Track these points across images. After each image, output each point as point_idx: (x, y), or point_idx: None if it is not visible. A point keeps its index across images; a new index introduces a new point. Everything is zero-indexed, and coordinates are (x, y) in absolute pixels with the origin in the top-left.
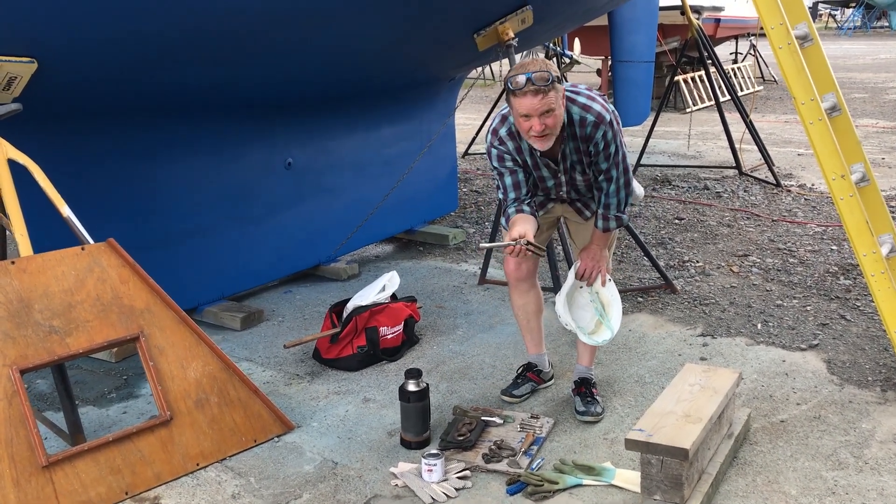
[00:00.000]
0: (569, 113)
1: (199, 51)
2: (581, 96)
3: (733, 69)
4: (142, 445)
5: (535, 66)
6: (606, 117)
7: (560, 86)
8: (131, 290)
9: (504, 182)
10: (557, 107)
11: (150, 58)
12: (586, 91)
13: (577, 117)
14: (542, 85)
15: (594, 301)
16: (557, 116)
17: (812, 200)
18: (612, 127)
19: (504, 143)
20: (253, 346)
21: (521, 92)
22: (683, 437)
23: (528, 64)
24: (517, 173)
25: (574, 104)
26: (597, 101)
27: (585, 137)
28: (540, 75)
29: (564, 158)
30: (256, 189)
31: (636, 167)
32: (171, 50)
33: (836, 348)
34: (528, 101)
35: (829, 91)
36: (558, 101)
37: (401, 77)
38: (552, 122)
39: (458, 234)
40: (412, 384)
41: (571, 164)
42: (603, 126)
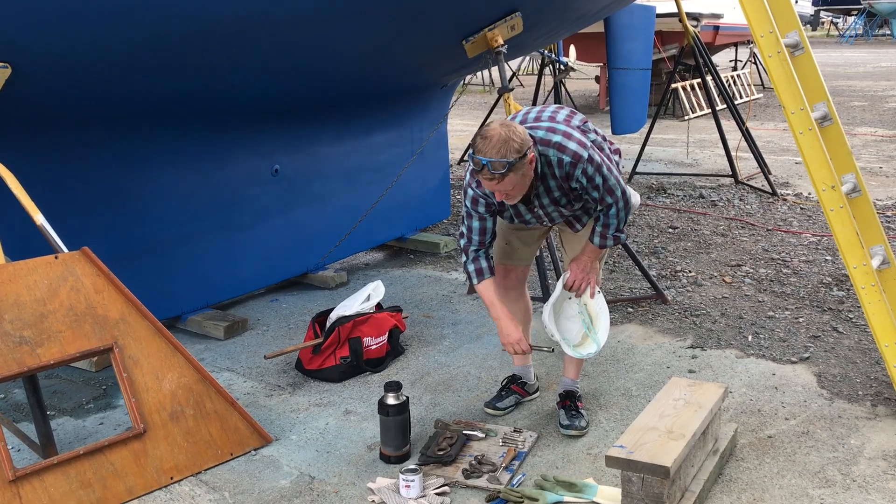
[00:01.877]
0: (545, 155)
1: (181, 56)
2: (556, 134)
3: (732, 76)
4: (114, 458)
5: (494, 146)
6: (584, 154)
7: (525, 159)
8: (106, 299)
9: (471, 224)
10: (518, 182)
11: (131, 63)
12: (562, 126)
13: (554, 159)
14: (497, 173)
15: (582, 313)
16: (520, 188)
17: (808, 210)
18: (591, 162)
19: (481, 185)
20: (235, 356)
21: (478, 173)
22: (665, 454)
23: (490, 140)
24: (486, 220)
25: (549, 146)
26: (572, 139)
27: (565, 177)
28: (497, 164)
29: (539, 197)
30: (243, 196)
31: (632, 175)
32: (151, 56)
33: (827, 361)
34: (486, 182)
35: (821, 100)
36: (519, 177)
37: (389, 83)
38: (514, 192)
39: (450, 242)
40: (391, 397)
41: (552, 200)
42: (581, 164)
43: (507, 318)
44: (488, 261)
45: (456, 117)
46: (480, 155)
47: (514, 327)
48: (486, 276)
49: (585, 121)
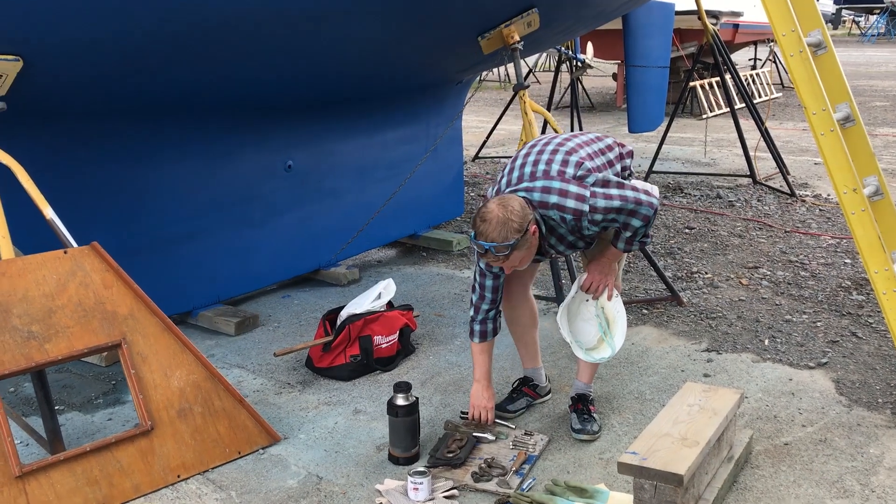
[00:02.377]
0: (548, 216)
1: (193, 51)
2: (552, 195)
3: (752, 75)
4: (121, 456)
5: (494, 230)
6: (584, 208)
7: (527, 234)
8: (114, 295)
9: (485, 282)
10: (523, 256)
11: (143, 57)
12: (557, 183)
13: (557, 218)
14: (502, 255)
15: (599, 316)
16: (525, 260)
17: (827, 211)
18: (595, 210)
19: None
20: (246, 353)
21: (482, 256)
22: (679, 461)
23: (490, 224)
24: (500, 278)
25: (548, 209)
26: (569, 195)
27: (573, 230)
28: (500, 247)
29: (553, 246)
30: (255, 192)
31: (648, 174)
32: (163, 49)
33: (845, 367)
34: (491, 262)
35: (843, 101)
36: (523, 252)
37: (403, 79)
38: (523, 263)
39: (463, 239)
40: (401, 398)
41: (568, 245)
42: (585, 217)
43: (486, 384)
44: (496, 323)
45: (471, 114)
46: (482, 240)
47: (488, 395)
48: (487, 339)
49: (581, 162)
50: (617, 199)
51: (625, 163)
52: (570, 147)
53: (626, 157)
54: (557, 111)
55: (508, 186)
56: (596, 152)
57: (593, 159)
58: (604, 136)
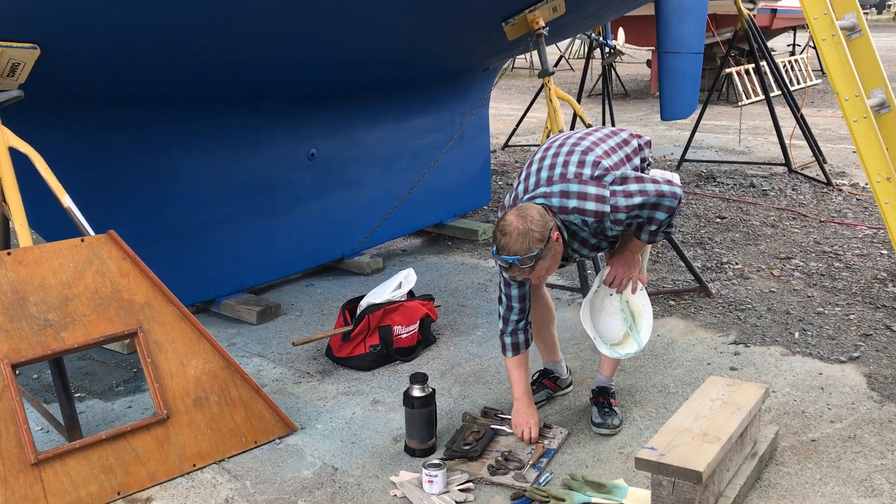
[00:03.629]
0: (569, 221)
1: (217, 37)
2: (571, 199)
3: (790, 61)
4: (137, 444)
5: (516, 242)
6: (605, 209)
7: (550, 242)
8: (131, 283)
9: (510, 292)
10: (549, 263)
11: (165, 45)
12: (575, 186)
13: (578, 222)
14: (528, 266)
15: (624, 310)
16: (551, 268)
17: (864, 201)
18: (617, 210)
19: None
20: (267, 341)
21: (507, 270)
22: (698, 458)
23: (510, 236)
24: (524, 286)
25: (568, 213)
26: (588, 198)
27: (596, 232)
28: (524, 259)
29: (576, 251)
30: (279, 180)
31: (680, 162)
32: (186, 36)
33: (878, 361)
34: (519, 274)
35: (878, 86)
36: (548, 260)
37: (427, 66)
38: (550, 271)
39: (488, 229)
40: (417, 389)
41: (592, 247)
42: (607, 218)
43: (527, 401)
44: (527, 334)
45: (503, 101)
46: (505, 254)
47: (530, 411)
48: (520, 352)
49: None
50: (637, 195)
51: (643, 154)
52: (585, 146)
53: (643, 147)
54: (590, 98)
55: (526, 193)
56: (612, 148)
57: (610, 156)
58: (619, 129)
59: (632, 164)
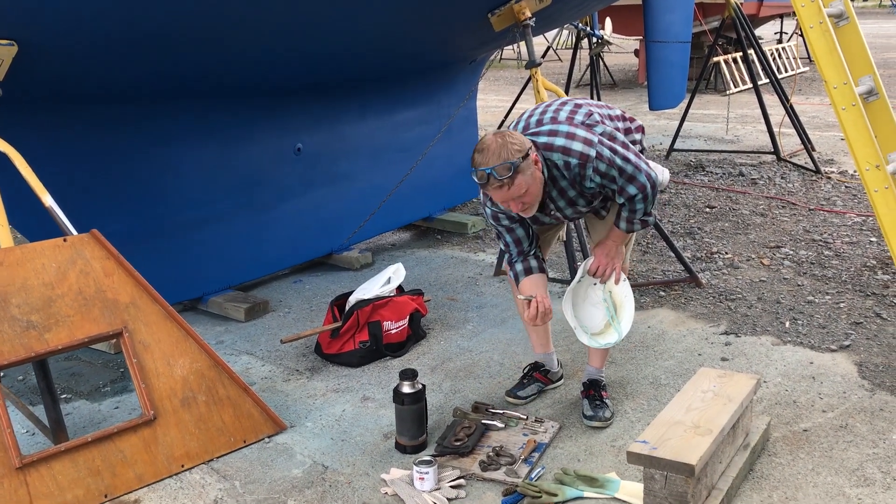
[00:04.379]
0: (551, 160)
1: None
2: (559, 137)
3: (777, 49)
4: (123, 446)
5: (493, 153)
6: (591, 153)
7: (528, 159)
8: (115, 283)
9: (505, 239)
10: (530, 183)
11: (147, 40)
12: (565, 126)
13: (560, 163)
14: (505, 178)
15: (606, 300)
16: (533, 192)
17: (853, 188)
18: (601, 158)
19: (496, 202)
20: (255, 339)
21: (485, 186)
22: (690, 451)
23: (488, 150)
24: (515, 230)
25: (553, 150)
26: (577, 138)
27: (576, 178)
28: (501, 168)
29: (554, 200)
30: (265, 176)
31: (669, 151)
32: (172, 31)
33: (869, 350)
34: (496, 194)
35: (867, 74)
36: (529, 178)
37: (414, 58)
38: (529, 199)
39: (478, 221)
40: (407, 385)
41: (569, 201)
42: (590, 163)
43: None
44: (526, 261)
45: (491, 93)
46: (482, 163)
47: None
48: (534, 273)
49: (591, 113)
50: (621, 156)
51: (634, 137)
52: (579, 102)
53: (634, 131)
54: (578, 89)
55: None
56: (606, 115)
57: (603, 120)
58: (615, 108)
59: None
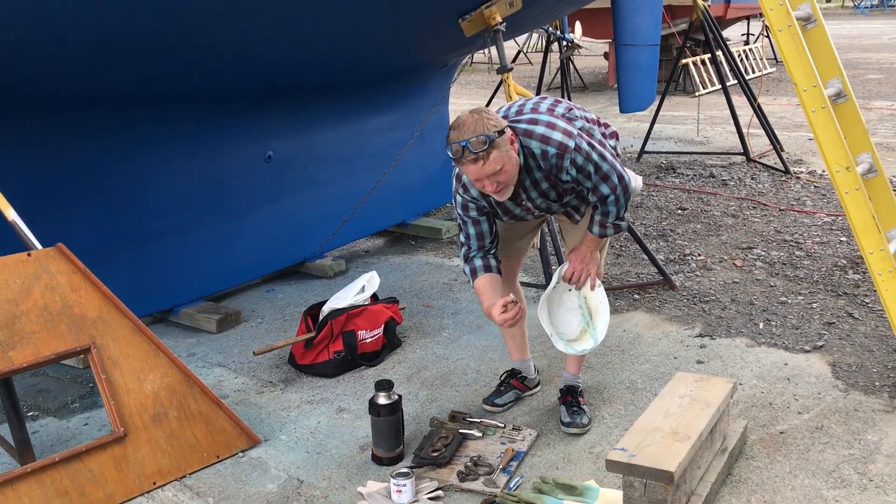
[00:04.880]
0: (529, 148)
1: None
2: (539, 125)
3: (745, 51)
4: (93, 465)
5: (469, 128)
6: (570, 144)
7: (504, 136)
8: (82, 298)
9: (468, 231)
10: (505, 161)
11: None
12: (545, 116)
13: (538, 151)
14: (480, 151)
15: (582, 306)
16: (508, 171)
17: (822, 188)
18: (579, 150)
19: (468, 189)
20: (228, 351)
21: (459, 161)
22: (669, 457)
23: (464, 125)
24: (481, 223)
25: (532, 138)
26: (557, 129)
27: (552, 169)
28: (476, 141)
29: (526, 190)
30: (235, 184)
31: (640, 154)
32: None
33: (842, 350)
34: (471, 169)
35: (835, 76)
36: (504, 155)
37: (385, 64)
38: (504, 178)
39: (452, 227)
40: (382, 397)
41: (541, 193)
42: (568, 154)
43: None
44: (485, 259)
45: (463, 97)
46: (456, 138)
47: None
48: (480, 274)
49: (571, 108)
50: (598, 152)
51: (608, 143)
52: (561, 100)
53: (609, 137)
54: (549, 92)
55: None
56: (584, 118)
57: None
58: (590, 112)
59: None
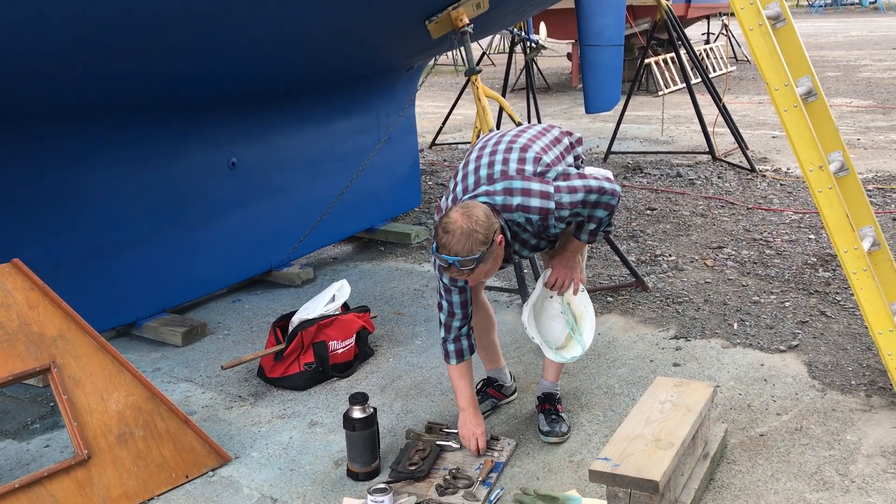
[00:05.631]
0: (512, 220)
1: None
2: (514, 196)
3: (705, 50)
4: (55, 490)
5: (458, 241)
6: (550, 205)
7: (493, 245)
8: (41, 315)
9: (451, 299)
10: (491, 266)
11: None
12: (518, 183)
13: (521, 220)
14: (467, 269)
15: (565, 312)
16: (491, 271)
17: (787, 186)
18: (561, 207)
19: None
20: (194, 365)
21: (445, 270)
22: (653, 466)
23: (453, 235)
24: (466, 291)
25: (512, 211)
26: (532, 194)
27: (540, 229)
28: (465, 262)
29: (517, 252)
30: (198, 192)
31: (607, 155)
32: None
33: (816, 349)
34: (457, 275)
35: (804, 74)
36: (490, 262)
37: (350, 67)
38: (489, 274)
39: (422, 231)
40: (357, 410)
41: (532, 248)
42: (551, 215)
43: (473, 411)
44: (470, 340)
45: (426, 99)
46: (445, 253)
47: (478, 421)
48: (464, 359)
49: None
50: (581, 190)
51: (576, 152)
52: (522, 143)
53: (575, 145)
54: (513, 93)
55: (465, 193)
56: (549, 144)
57: (548, 152)
58: (550, 126)
59: (565, 163)
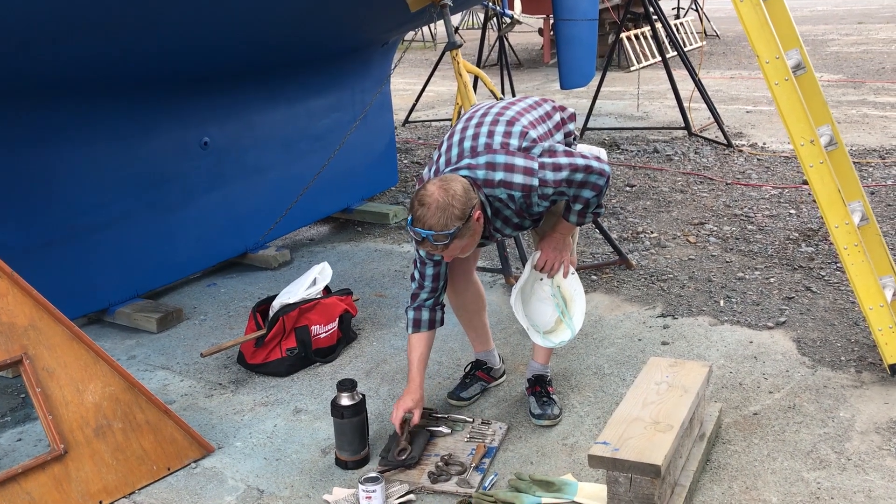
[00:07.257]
0: (494, 196)
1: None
2: (497, 171)
3: (676, 25)
4: (30, 487)
5: (433, 215)
6: (534, 182)
7: (470, 221)
8: (11, 304)
9: (425, 271)
10: (468, 241)
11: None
12: (501, 157)
13: (503, 196)
14: (442, 243)
15: (556, 295)
16: (468, 247)
17: (765, 160)
18: (545, 184)
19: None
20: (171, 352)
21: (420, 244)
22: (654, 449)
23: (429, 207)
24: (441, 265)
25: (495, 187)
26: (516, 169)
27: (522, 207)
28: (439, 236)
29: (499, 230)
30: (170, 173)
31: (583, 131)
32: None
33: (804, 325)
34: (429, 249)
35: (794, 47)
36: (467, 238)
37: (326, 43)
38: (466, 250)
39: (399, 211)
40: (346, 397)
41: (515, 226)
42: (534, 192)
43: (412, 387)
44: (433, 313)
45: (398, 76)
46: (419, 226)
47: (412, 396)
48: (420, 329)
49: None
50: (567, 168)
51: (567, 128)
52: (510, 116)
53: (567, 121)
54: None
55: (448, 165)
56: (538, 119)
57: (536, 127)
58: (542, 100)
59: (555, 140)
